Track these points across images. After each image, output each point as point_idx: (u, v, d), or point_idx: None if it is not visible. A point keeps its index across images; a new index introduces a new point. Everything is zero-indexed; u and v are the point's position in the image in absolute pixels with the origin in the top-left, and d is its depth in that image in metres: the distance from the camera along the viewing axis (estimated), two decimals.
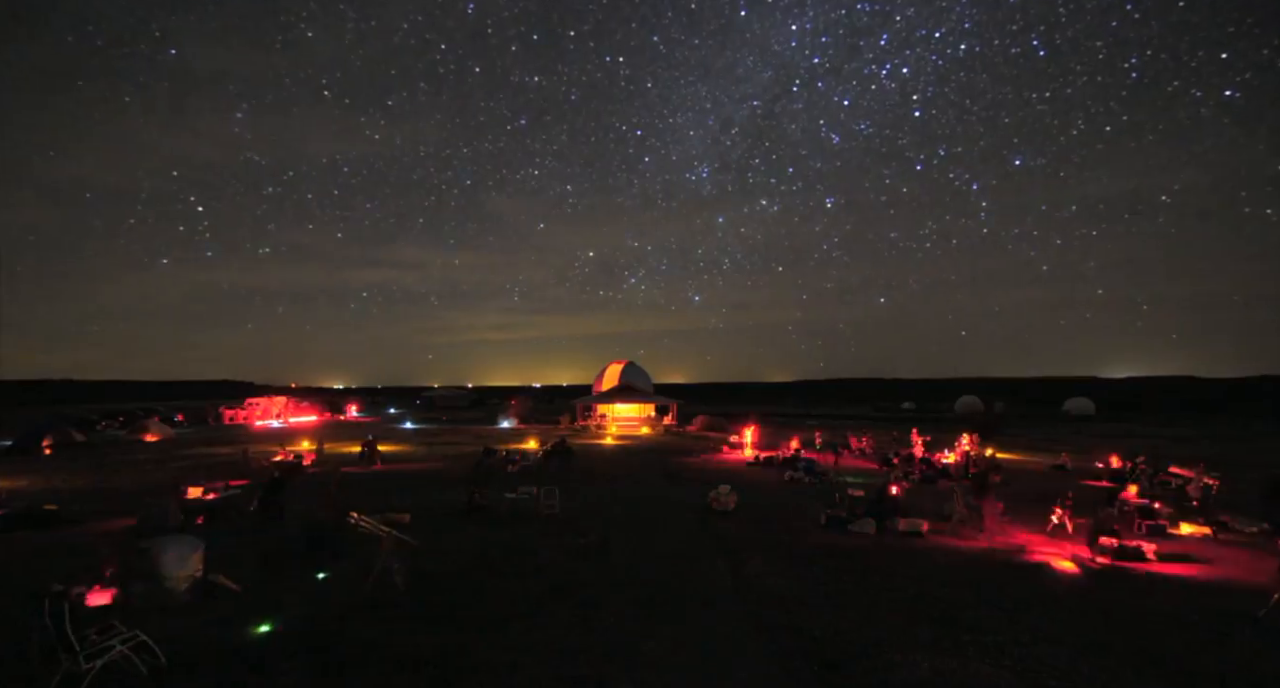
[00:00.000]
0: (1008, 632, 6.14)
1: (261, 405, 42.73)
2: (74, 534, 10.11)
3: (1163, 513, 11.57)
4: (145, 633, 5.18)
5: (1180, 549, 9.89)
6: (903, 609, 6.79)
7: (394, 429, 36.29)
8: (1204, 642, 6.01)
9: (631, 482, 16.61)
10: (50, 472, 17.80)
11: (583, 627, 6.17)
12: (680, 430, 35.63)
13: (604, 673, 5.14)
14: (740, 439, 26.62)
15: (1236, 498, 13.45)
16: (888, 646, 5.73)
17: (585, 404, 39.16)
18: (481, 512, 11.89)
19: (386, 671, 5.15)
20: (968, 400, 64.02)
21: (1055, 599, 7.29)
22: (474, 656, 5.44)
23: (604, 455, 23.16)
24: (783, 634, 6.03)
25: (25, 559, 8.63)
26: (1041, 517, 11.37)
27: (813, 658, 5.47)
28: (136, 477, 17.07)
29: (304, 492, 13.25)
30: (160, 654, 5.15)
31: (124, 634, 5.06)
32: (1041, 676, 5.16)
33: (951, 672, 5.21)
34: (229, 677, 5.04)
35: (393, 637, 5.85)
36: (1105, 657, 5.59)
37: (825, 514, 11.37)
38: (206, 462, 20.09)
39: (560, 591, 7.30)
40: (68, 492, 14.46)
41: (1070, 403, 58.88)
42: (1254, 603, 6.80)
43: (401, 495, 13.71)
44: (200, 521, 10.95)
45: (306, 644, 5.67)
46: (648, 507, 12.93)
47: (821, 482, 16.55)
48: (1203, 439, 30.88)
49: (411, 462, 20.76)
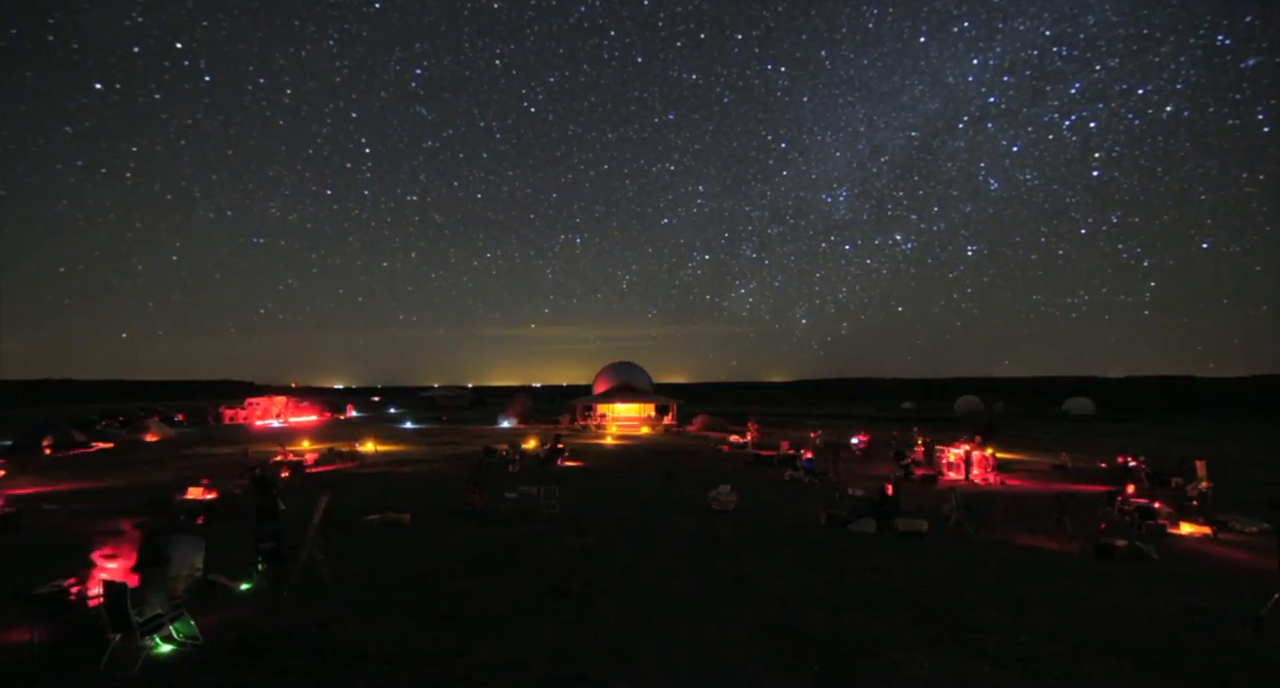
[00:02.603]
0: (1008, 632, 6.13)
1: (261, 405, 42.77)
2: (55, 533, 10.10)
3: (1163, 513, 11.58)
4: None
5: (1180, 549, 9.90)
6: (903, 609, 6.78)
7: (394, 429, 36.29)
8: (1204, 642, 6.00)
9: (631, 481, 16.60)
10: (50, 472, 17.80)
11: (583, 627, 6.16)
12: (680, 430, 35.64)
13: (604, 673, 5.14)
14: (740, 439, 26.62)
15: (1237, 498, 13.45)
16: (888, 646, 5.72)
17: (585, 404, 39.17)
18: (480, 514, 11.87)
19: (387, 670, 5.15)
20: (968, 400, 64.03)
21: (1055, 599, 7.28)
22: (474, 655, 5.44)
23: (604, 455, 23.15)
24: (783, 634, 6.03)
25: (16, 559, 8.63)
26: (1041, 517, 11.37)
27: (813, 658, 5.47)
28: (137, 477, 17.07)
29: (302, 493, 13.23)
30: (196, 630, 5.61)
31: (170, 612, 5.55)
32: (1041, 676, 5.15)
33: (952, 672, 5.20)
34: (228, 677, 5.04)
35: (393, 635, 5.85)
36: (1105, 657, 5.58)
37: (825, 514, 11.38)
38: (207, 462, 20.09)
39: (560, 590, 7.30)
40: (68, 492, 14.46)
41: (1070, 403, 58.92)
42: (1254, 603, 6.79)
43: (401, 495, 13.71)
44: (200, 520, 10.96)
45: (307, 643, 5.67)
46: (648, 506, 12.93)
47: (822, 482, 16.54)
48: (1204, 440, 30.86)
49: (410, 462, 20.75)
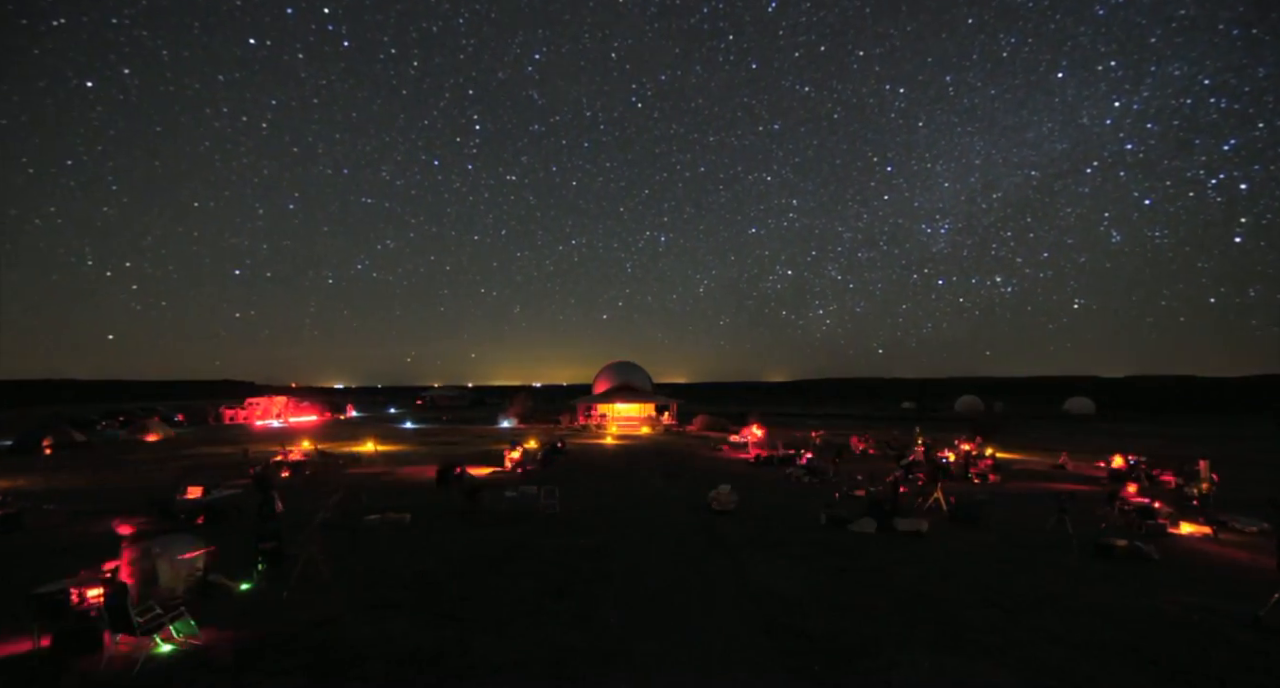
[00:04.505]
0: (1008, 632, 6.14)
1: (261, 405, 42.78)
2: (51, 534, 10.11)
3: (1163, 513, 11.56)
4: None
5: (1180, 549, 9.89)
6: (903, 609, 6.79)
7: (394, 429, 36.28)
8: (1204, 642, 6.00)
9: (632, 481, 16.60)
10: (50, 472, 17.80)
11: (583, 627, 6.17)
12: (680, 430, 35.63)
13: (604, 673, 5.14)
14: (740, 439, 26.62)
15: (1237, 498, 13.45)
16: (888, 645, 5.73)
17: (586, 404, 39.15)
18: (479, 510, 11.88)
19: (387, 670, 5.15)
20: (968, 400, 64.15)
21: (1055, 599, 7.28)
22: (474, 655, 5.44)
23: (604, 455, 23.15)
24: (783, 634, 6.03)
25: (9, 558, 8.63)
26: (1042, 516, 11.36)
27: (813, 658, 5.47)
28: (137, 477, 17.06)
29: (306, 492, 13.24)
30: (197, 630, 5.85)
31: (170, 612, 5.77)
32: (1041, 676, 5.16)
33: (951, 671, 5.21)
34: (228, 677, 5.04)
35: (393, 635, 5.85)
36: (1105, 657, 5.59)
37: (825, 514, 11.38)
38: (207, 462, 20.09)
39: (560, 591, 7.30)
40: (68, 491, 14.46)
41: (1070, 403, 58.95)
42: (1254, 603, 6.80)
43: (402, 495, 13.71)
44: (200, 520, 10.96)
45: (307, 643, 5.67)
46: (648, 506, 12.93)
47: (822, 481, 16.54)
48: (1205, 439, 30.86)
49: (411, 462, 20.75)
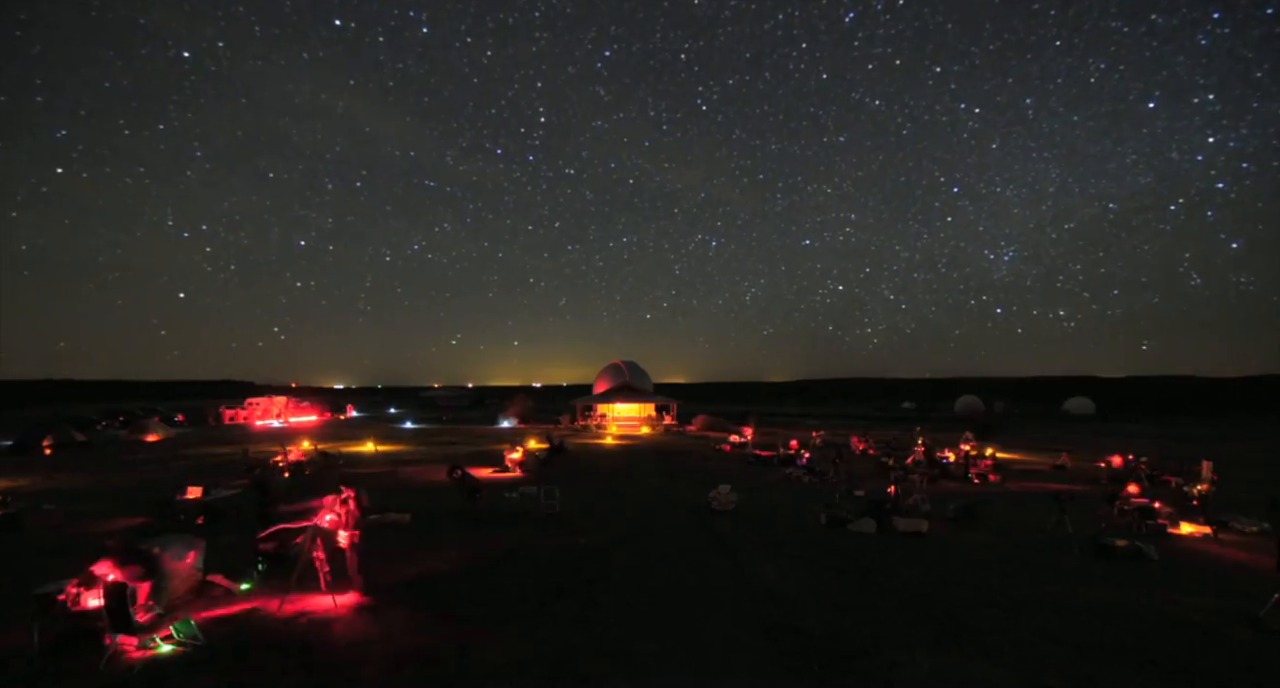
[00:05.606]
0: (1008, 632, 6.13)
1: (261, 405, 42.77)
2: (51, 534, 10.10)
3: (1163, 512, 11.57)
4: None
5: (1180, 549, 9.89)
6: (903, 609, 6.78)
7: (394, 429, 36.27)
8: (1204, 642, 6.00)
9: (632, 481, 16.60)
10: (50, 472, 17.79)
11: (583, 627, 6.16)
12: (680, 430, 35.63)
13: (604, 673, 5.13)
14: (740, 438, 26.60)
15: (1237, 498, 13.44)
16: (888, 645, 5.72)
17: (585, 404, 39.14)
18: (479, 510, 11.88)
19: (388, 669, 5.15)
20: (968, 400, 64.12)
21: (1055, 599, 7.28)
22: (474, 655, 5.44)
23: (605, 455, 23.15)
24: (783, 634, 6.02)
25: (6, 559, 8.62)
26: (1042, 516, 11.35)
27: (813, 658, 5.47)
28: (136, 477, 17.06)
29: (305, 492, 13.21)
30: (197, 630, 5.78)
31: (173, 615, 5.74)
32: (1041, 676, 5.15)
33: (951, 672, 5.20)
34: (228, 677, 5.03)
35: (393, 635, 5.85)
36: (1105, 657, 5.58)
37: (825, 514, 11.38)
38: (207, 462, 20.08)
39: (560, 591, 7.30)
40: (68, 491, 14.45)
41: (1070, 403, 58.97)
42: (1254, 603, 6.79)
43: (401, 495, 13.70)
44: (200, 520, 10.95)
45: (307, 643, 5.67)
46: (648, 506, 12.93)
47: (822, 482, 16.54)
48: (1205, 439, 30.84)
49: (411, 462, 20.75)
